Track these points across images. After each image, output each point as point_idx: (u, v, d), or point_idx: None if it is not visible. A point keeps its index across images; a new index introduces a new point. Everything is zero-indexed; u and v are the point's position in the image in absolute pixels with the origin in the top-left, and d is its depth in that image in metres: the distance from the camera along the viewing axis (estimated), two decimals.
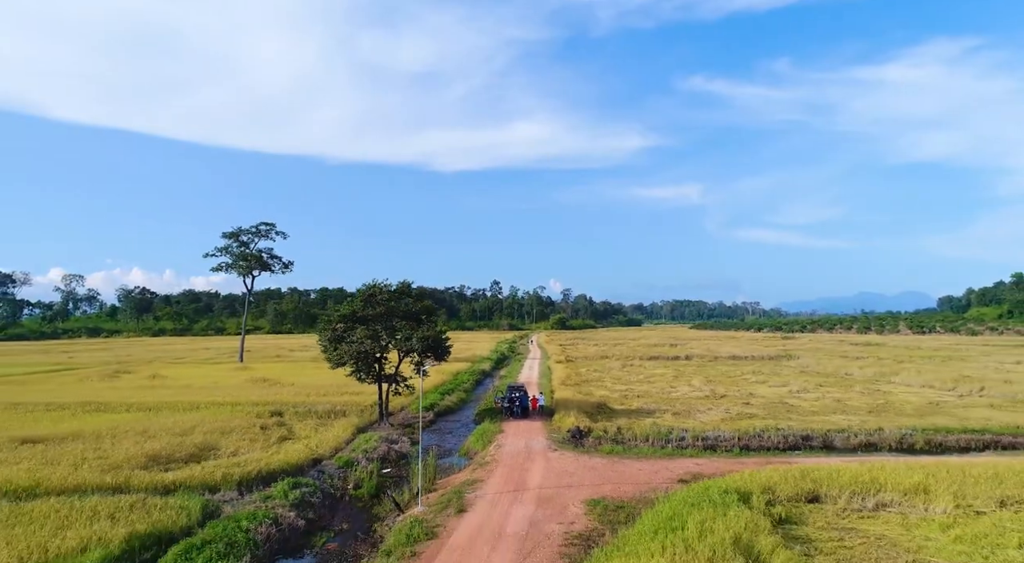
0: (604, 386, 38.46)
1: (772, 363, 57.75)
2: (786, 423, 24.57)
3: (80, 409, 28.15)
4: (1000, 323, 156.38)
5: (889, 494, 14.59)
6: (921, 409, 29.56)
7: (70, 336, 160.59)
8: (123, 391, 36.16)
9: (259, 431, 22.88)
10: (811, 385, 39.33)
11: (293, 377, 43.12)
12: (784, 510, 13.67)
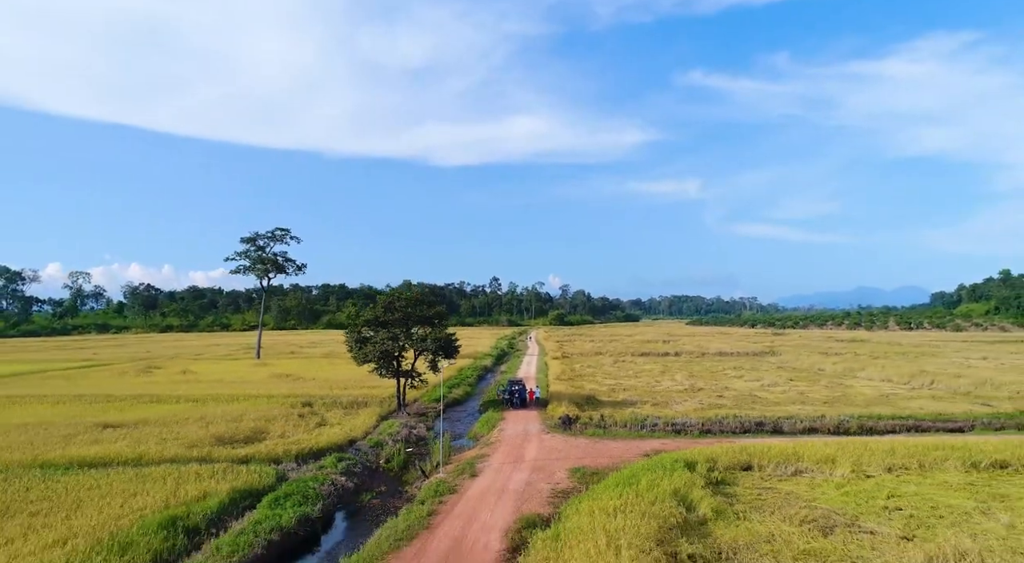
0: (595, 380, 42.65)
1: (754, 359, 61.93)
2: (747, 412, 28.74)
3: (136, 400, 32.29)
4: (986, 319, 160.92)
5: (805, 464, 18.75)
6: (870, 400, 33.75)
7: (80, 332, 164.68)
8: (161, 385, 40.31)
9: (298, 418, 27.04)
10: (782, 380, 43.51)
11: (312, 372, 47.30)
12: (721, 475, 17.82)
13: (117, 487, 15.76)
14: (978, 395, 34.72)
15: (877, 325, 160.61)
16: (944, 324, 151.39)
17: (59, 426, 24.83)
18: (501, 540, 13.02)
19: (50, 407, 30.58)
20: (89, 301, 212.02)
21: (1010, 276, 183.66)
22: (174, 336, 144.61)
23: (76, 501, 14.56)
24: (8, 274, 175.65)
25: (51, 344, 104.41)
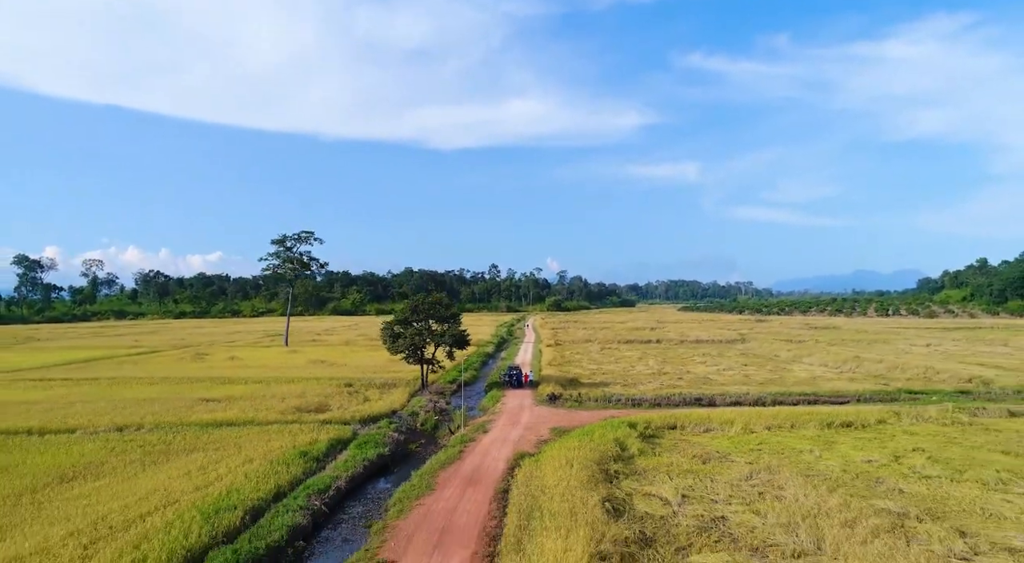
0: (580, 366, 50.99)
1: (724, 346, 70.31)
2: (693, 390, 37.11)
3: (213, 382, 40.58)
4: (961, 305, 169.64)
5: (713, 424, 27.09)
6: (798, 381, 42.01)
7: (99, 318, 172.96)
8: (219, 369, 48.58)
9: (348, 395, 35.34)
10: (737, 365, 51.78)
11: (342, 359, 55.59)
12: (652, 431, 26.14)
13: (256, 436, 24.10)
14: (884, 377, 43.05)
15: (857, 312, 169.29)
16: (918, 310, 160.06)
17: (171, 400, 33.15)
18: (505, 464, 21.37)
19: (147, 387, 38.86)
20: (102, 288, 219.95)
21: (986, 264, 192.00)
22: (191, 323, 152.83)
23: (237, 443, 22.88)
24: (27, 262, 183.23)
25: (87, 330, 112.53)
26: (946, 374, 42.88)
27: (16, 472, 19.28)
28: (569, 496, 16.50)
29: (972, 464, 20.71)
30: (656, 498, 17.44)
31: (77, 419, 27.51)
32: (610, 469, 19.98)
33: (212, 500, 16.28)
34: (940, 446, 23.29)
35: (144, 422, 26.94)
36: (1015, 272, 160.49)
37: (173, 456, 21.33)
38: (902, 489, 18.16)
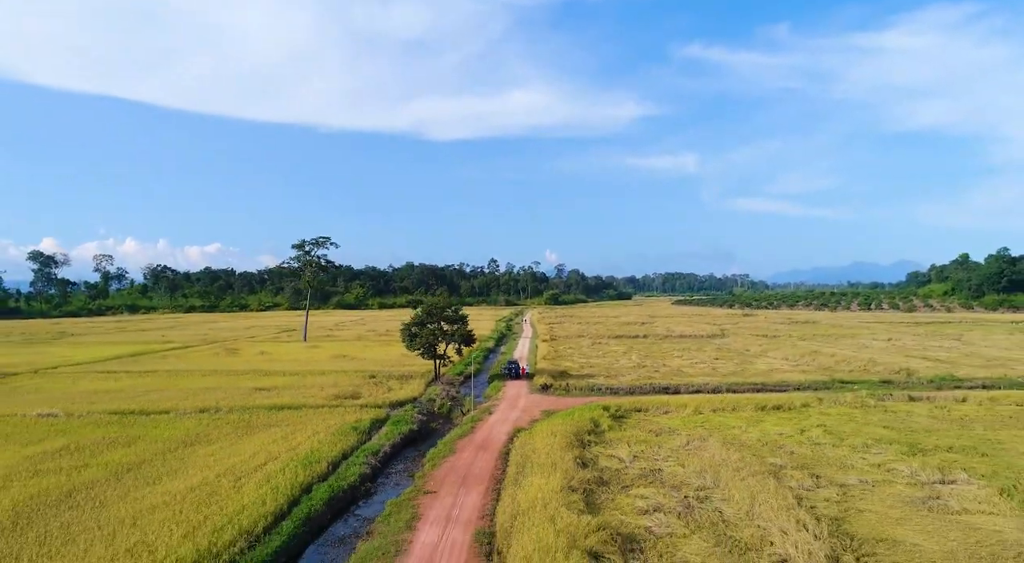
0: (571, 359, 58.01)
1: (703, 341, 77.37)
2: (665, 381, 44.13)
3: (256, 374, 47.52)
4: (942, 299, 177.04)
5: (671, 408, 34.11)
6: (757, 373, 49.02)
7: (113, 313, 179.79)
8: (255, 363, 55.51)
9: (374, 385, 42.29)
10: (709, 359, 58.78)
11: (360, 354, 62.55)
12: (621, 413, 33.16)
13: (313, 416, 31.10)
14: (831, 369, 50.08)
15: (842, 306, 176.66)
16: (899, 305, 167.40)
17: (228, 389, 40.12)
18: (506, 436, 28.41)
19: (202, 379, 45.81)
20: (112, 282, 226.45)
21: (968, 260, 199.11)
22: (203, 317, 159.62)
23: (301, 421, 29.87)
24: (42, 258, 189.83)
25: (111, 325, 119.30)
26: (882, 366, 50.03)
27: (149, 439, 26.25)
28: (551, 455, 23.53)
29: (855, 434, 27.76)
30: (615, 457, 24.47)
31: (165, 404, 34.47)
32: (584, 439, 27.00)
33: (302, 456, 23.28)
34: (839, 423, 30.35)
35: (220, 406, 33.92)
36: (991, 268, 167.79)
37: (257, 429, 28.33)
38: (792, 451, 25.20)
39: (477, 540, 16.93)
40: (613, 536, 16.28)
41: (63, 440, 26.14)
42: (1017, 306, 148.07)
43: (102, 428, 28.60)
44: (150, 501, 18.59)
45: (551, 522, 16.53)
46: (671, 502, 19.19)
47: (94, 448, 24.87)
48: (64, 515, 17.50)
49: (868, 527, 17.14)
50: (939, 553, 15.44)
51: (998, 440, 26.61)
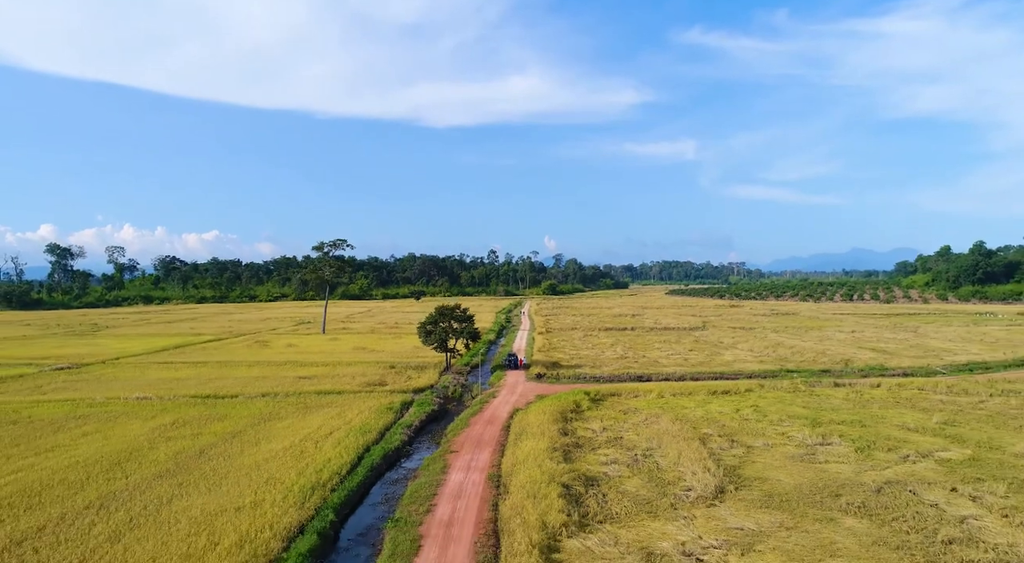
0: (563, 351, 66.19)
1: (683, 333, 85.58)
2: (640, 371, 52.31)
3: (294, 365, 55.63)
4: (922, 289, 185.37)
5: (640, 393, 42.34)
6: (721, 363, 57.20)
7: (130, 303, 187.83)
8: (287, 354, 63.63)
9: (395, 374, 50.44)
10: (685, 350, 66.96)
11: (377, 346, 70.71)
12: (600, 397, 41.37)
13: (353, 399, 39.29)
14: (786, 360, 58.22)
15: (825, 297, 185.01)
16: (880, 296, 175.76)
17: (276, 378, 48.25)
18: (507, 414, 36.67)
19: (249, 369, 53.91)
20: (124, 273, 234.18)
21: (948, 252, 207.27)
22: (217, 308, 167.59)
23: (347, 403, 38.05)
24: (59, 251, 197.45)
25: (136, 317, 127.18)
26: (828, 357, 58.31)
27: (235, 416, 34.45)
28: (541, 427, 31.75)
29: (776, 413, 35.98)
30: (589, 429, 32.68)
31: (231, 390, 42.64)
32: (567, 416, 35.24)
33: (356, 427, 31.49)
34: (769, 404, 38.59)
35: (276, 391, 42.13)
36: (968, 261, 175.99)
37: (314, 409, 36.54)
38: (724, 424, 33.42)
39: (489, 479, 25.16)
40: (580, 476, 24.50)
41: (171, 416, 34.35)
42: (987, 296, 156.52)
43: (194, 408, 36.83)
44: (260, 456, 26.80)
45: (538, 467, 24.76)
46: (625, 457, 27.41)
47: (198, 422, 33.08)
48: (207, 464, 25.70)
49: (753, 471, 25.38)
50: (791, 485, 23.66)
51: (883, 416, 34.87)
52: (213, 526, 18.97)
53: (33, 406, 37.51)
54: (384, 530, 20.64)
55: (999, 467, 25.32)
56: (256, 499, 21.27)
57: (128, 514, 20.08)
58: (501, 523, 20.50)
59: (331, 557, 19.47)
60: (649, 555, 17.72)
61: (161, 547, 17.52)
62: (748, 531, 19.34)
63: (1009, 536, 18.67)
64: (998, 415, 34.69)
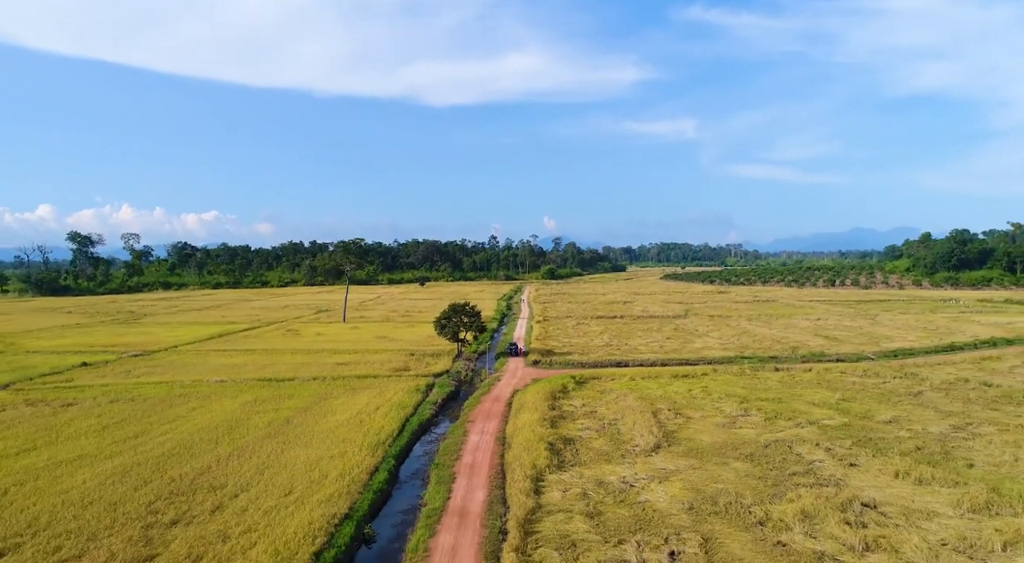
0: (557, 340, 76.33)
1: (666, 322, 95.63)
2: (620, 357, 62.47)
3: (328, 352, 65.77)
4: (902, 275, 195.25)
5: (616, 376, 52.52)
6: (691, 350, 67.32)
7: (149, 289, 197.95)
8: (319, 343, 73.77)
9: (415, 360, 60.59)
10: (663, 338, 77.03)
11: (395, 334, 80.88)
12: (583, 380, 51.54)
13: (387, 381, 49.51)
14: (747, 347, 68.32)
15: (809, 282, 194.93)
16: (860, 281, 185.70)
17: (319, 364, 58.41)
18: (509, 393, 46.92)
19: (292, 356, 64.08)
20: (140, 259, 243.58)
21: (929, 238, 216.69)
22: (233, 294, 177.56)
23: (383, 384, 48.24)
24: (79, 238, 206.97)
25: (164, 304, 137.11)
26: (782, 345, 68.43)
27: (299, 396, 44.65)
28: (535, 403, 41.95)
29: (720, 392, 46.12)
30: (572, 405, 42.89)
31: (286, 374, 52.81)
32: (556, 395, 45.45)
33: (395, 404, 41.69)
34: (717, 385, 48.75)
35: (324, 375, 52.35)
36: (944, 248, 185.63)
37: (359, 390, 46.74)
38: (675, 401, 43.60)
39: (497, 439, 35.44)
40: (561, 438, 34.73)
41: (251, 395, 44.62)
42: (959, 282, 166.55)
43: (264, 389, 47.08)
44: (330, 424, 37.03)
45: (532, 432, 34.98)
46: (595, 425, 37.63)
47: (273, 400, 43.32)
48: (295, 430, 35.93)
49: (685, 434, 35.56)
50: (708, 442, 33.84)
51: (800, 394, 45.07)
52: (320, 466, 29.22)
53: (137, 387, 47.76)
54: (429, 471, 30.98)
55: (860, 430, 35.55)
56: (341, 451, 31.53)
57: (259, 459, 30.33)
58: (506, 466, 30.77)
59: (397, 485, 29.80)
60: (600, 483, 27.95)
61: (293, 477, 27.78)
62: (668, 470, 29.57)
63: (837, 472, 28.88)
64: (889, 393, 44.93)
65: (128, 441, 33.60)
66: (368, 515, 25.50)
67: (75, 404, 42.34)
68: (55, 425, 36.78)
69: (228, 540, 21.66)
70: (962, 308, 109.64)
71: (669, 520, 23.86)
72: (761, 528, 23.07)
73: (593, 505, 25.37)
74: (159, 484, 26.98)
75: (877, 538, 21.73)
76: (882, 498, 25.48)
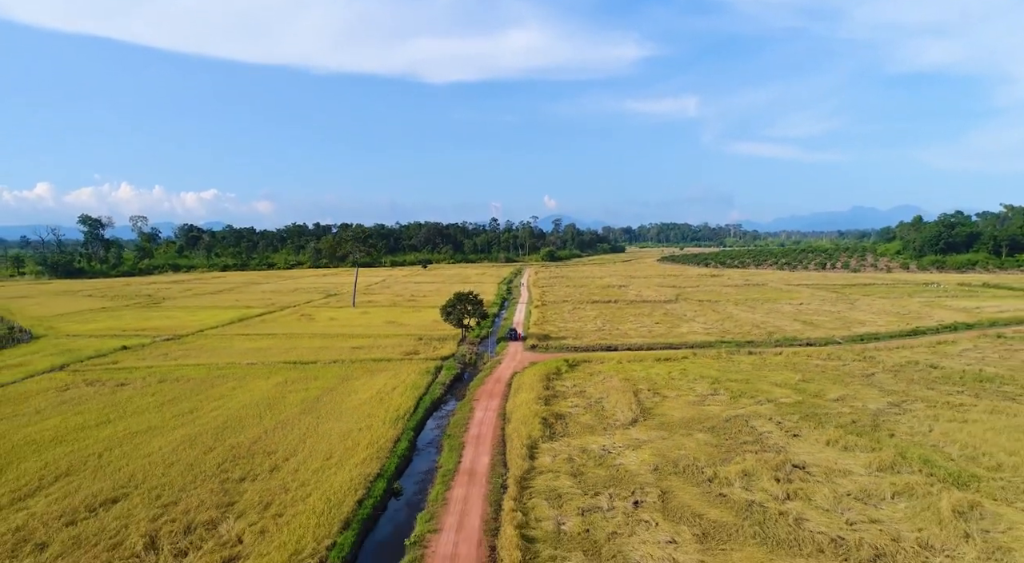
0: (554, 324, 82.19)
1: (657, 306, 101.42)
2: (611, 341, 68.37)
3: (343, 337, 71.70)
4: (891, 258, 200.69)
5: (605, 359, 58.48)
6: (676, 335, 73.19)
7: (160, 272, 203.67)
8: (333, 327, 79.67)
9: (424, 344, 66.50)
10: (652, 323, 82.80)
11: (403, 319, 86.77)
12: (575, 363, 57.49)
13: (401, 364, 55.47)
14: (728, 332, 74.09)
15: (801, 265, 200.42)
16: (849, 263, 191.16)
17: (336, 348, 64.36)
18: (509, 374, 52.90)
19: (310, 340, 70.03)
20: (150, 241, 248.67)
21: (920, 221, 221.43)
22: (242, 277, 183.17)
23: (396, 367, 54.19)
24: (90, 222, 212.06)
25: (179, 288, 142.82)
26: (760, 329, 74.26)
27: (323, 377, 50.60)
28: (531, 384, 47.92)
29: (695, 374, 52.03)
30: (564, 386, 48.85)
31: (308, 357, 58.75)
32: (550, 376, 51.40)
33: (409, 384, 47.67)
34: (694, 368, 54.66)
35: (342, 358, 58.30)
36: (932, 231, 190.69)
37: (376, 372, 52.70)
38: (655, 382, 49.54)
39: (498, 415, 41.47)
40: (553, 414, 40.70)
41: (281, 376, 50.61)
42: (945, 266, 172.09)
43: (291, 371, 53.03)
44: (355, 402, 43.00)
45: (528, 408, 40.95)
46: (583, 403, 43.61)
47: (301, 381, 49.30)
48: (325, 406, 41.91)
49: (659, 410, 41.47)
50: (678, 418, 39.79)
51: (766, 376, 50.98)
52: (352, 436, 35.24)
53: (179, 369, 53.75)
54: (441, 441, 37.06)
55: (809, 407, 41.51)
56: (367, 424, 37.54)
57: (300, 431, 36.34)
58: (506, 436, 36.79)
59: (416, 453, 35.88)
60: (584, 450, 33.94)
61: (331, 445, 33.80)
62: (641, 440, 35.57)
63: (781, 441, 34.85)
64: (845, 375, 50.86)
65: (185, 415, 39.61)
66: (395, 475, 31.55)
67: (128, 384, 48.33)
68: (118, 402, 42.80)
69: (288, 492, 27.68)
70: (938, 292, 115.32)
71: (637, 478, 29.86)
72: (709, 484, 29.07)
73: (577, 467, 31.37)
74: (222, 450, 32.99)
75: (797, 490, 27.74)
76: (811, 461, 31.47)
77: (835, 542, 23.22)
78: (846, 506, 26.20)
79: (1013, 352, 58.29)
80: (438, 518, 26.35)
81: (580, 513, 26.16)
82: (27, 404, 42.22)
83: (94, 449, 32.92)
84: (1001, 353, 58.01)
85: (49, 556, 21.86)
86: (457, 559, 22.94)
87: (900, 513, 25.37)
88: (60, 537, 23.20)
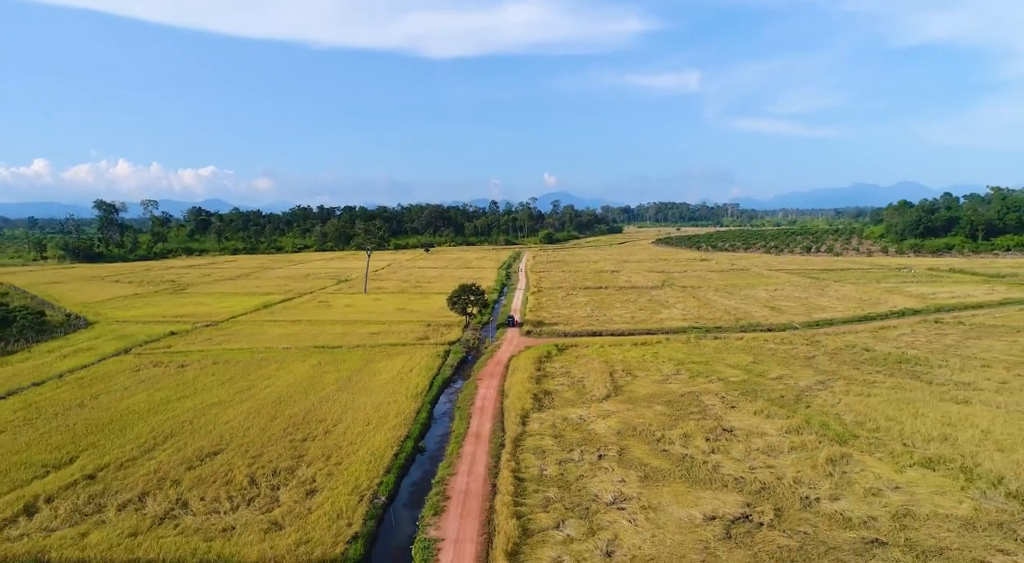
0: (547, 311, 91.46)
1: (643, 292, 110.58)
2: (597, 327, 77.70)
3: (359, 323, 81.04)
4: (875, 242, 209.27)
5: (591, 344, 67.90)
6: (656, 320, 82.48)
7: (174, 256, 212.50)
8: (349, 314, 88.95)
9: (433, 329, 75.82)
10: (636, 309, 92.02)
11: (412, 306, 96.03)
12: (564, 347, 66.96)
13: (414, 348, 64.85)
14: (702, 318, 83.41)
15: (787, 249, 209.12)
16: (833, 247, 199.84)
17: (357, 334, 73.73)
18: (508, 357, 62.32)
19: (332, 326, 79.34)
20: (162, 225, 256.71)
21: (905, 205, 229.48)
22: (252, 261, 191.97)
23: (410, 351, 63.56)
24: (105, 206, 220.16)
25: (196, 274, 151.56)
26: (731, 315, 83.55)
27: (350, 360, 60.01)
28: (525, 366, 57.36)
29: (664, 356, 61.37)
30: (553, 367, 58.28)
31: (334, 342, 68.08)
32: (541, 359, 60.84)
33: (424, 365, 57.09)
34: (666, 351, 64.03)
35: (363, 343, 67.71)
36: (913, 215, 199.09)
37: (394, 355, 62.12)
38: (630, 363, 58.95)
39: (498, 392, 51.01)
40: (543, 391, 50.19)
41: (315, 359, 60.04)
42: (922, 250, 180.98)
43: (322, 355, 62.44)
44: (381, 381, 52.45)
45: (522, 386, 50.43)
46: (568, 382, 53.10)
47: (332, 363, 58.72)
48: (356, 384, 51.35)
49: (629, 388, 50.98)
50: (644, 394, 49.27)
51: (723, 358, 60.34)
52: (382, 408, 44.76)
53: (226, 353, 63.19)
54: (453, 412, 46.66)
55: (752, 385, 50.97)
56: (393, 399, 47.06)
57: (341, 404, 45.84)
58: (504, 409, 46.33)
59: (433, 421, 45.46)
60: (565, 419, 43.43)
61: (367, 415, 43.29)
62: (610, 411, 45.06)
63: (720, 411, 44.32)
64: (790, 357, 60.29)
65: (245, 391, 49.11)
66: (419, 436, 41.14)
67: (188, 366, 57.80)
68: (186, 380, 52.29)
69: (341, 448, 37.22)
70: (905, 277, 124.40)
71: (603, 439, 39.38)
72: (657, 443, 38.62)
73: (558, 431, 40.90)
74: (283, 419, 42.51)
75: (720, 447, 37.28)
76: (738, 426, 41.00)
77: (737, 480, 32.77)
78: (753, 458, 35.75)
79: (941, 336, 67.70)
80: (454, 466, 35.94)
81: (558, 463, 35.72)
82: (113, 382, 51.72)
83: (184, 417, 42.44)
84: (930, 337, 67.41)
85: (185, 488, 31.42)
86: (469, 491, 32.54)
87: (789, 461, 34.93)
88: (187, 476, 32.76)
